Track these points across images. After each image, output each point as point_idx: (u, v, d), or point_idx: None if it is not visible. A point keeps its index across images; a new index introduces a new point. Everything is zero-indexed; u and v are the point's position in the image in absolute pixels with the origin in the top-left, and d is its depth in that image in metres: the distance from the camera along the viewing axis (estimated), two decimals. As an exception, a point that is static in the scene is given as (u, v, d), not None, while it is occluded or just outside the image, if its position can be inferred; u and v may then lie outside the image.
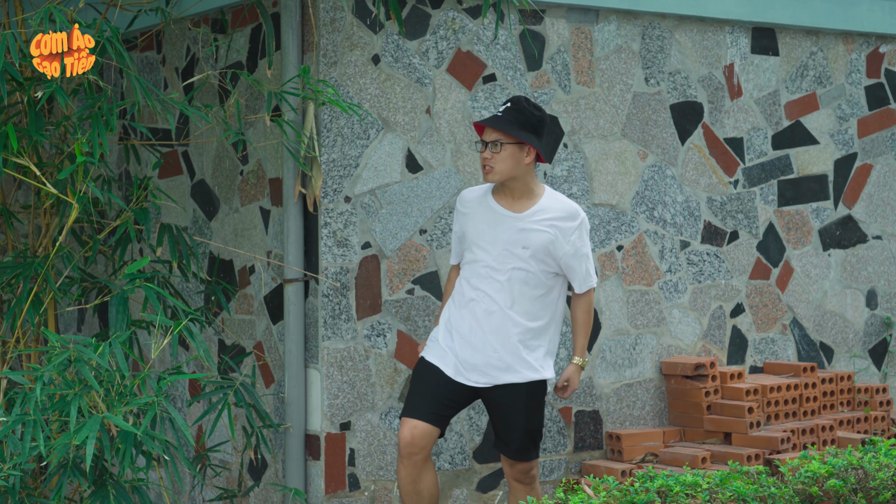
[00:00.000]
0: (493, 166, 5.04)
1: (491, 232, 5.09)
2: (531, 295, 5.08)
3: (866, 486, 4.64)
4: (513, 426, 5.10)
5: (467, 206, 5.19)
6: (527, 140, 5.02)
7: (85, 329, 7.02)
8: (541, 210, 5.09)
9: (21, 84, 4.94)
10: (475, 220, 5.14)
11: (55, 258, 5.09)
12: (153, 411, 4.36)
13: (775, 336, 6.80)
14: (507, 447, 5.13)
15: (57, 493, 4.47)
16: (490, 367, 5.05)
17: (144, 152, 6.50)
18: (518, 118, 5.05)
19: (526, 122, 5.05)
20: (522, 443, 5.11)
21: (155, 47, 6.50)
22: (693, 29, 6.53)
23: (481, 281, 5.08)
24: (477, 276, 5.09)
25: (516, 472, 5.17)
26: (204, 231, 6.22)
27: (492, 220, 5.10)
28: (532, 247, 5.05)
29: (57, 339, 4.45)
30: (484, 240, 5.09)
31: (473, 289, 5.09)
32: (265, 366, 5.85)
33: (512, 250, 5.06)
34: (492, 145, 5.03)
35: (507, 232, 5.07)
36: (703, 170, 6.57)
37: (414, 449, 5.01)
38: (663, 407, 6.42)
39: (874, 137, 7.16)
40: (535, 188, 5.12)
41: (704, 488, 4.49)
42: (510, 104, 5.08)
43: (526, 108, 5.07)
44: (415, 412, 5.03)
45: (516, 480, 5.18)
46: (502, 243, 5.06)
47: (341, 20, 5.61)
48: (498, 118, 5.06)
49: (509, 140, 5.02)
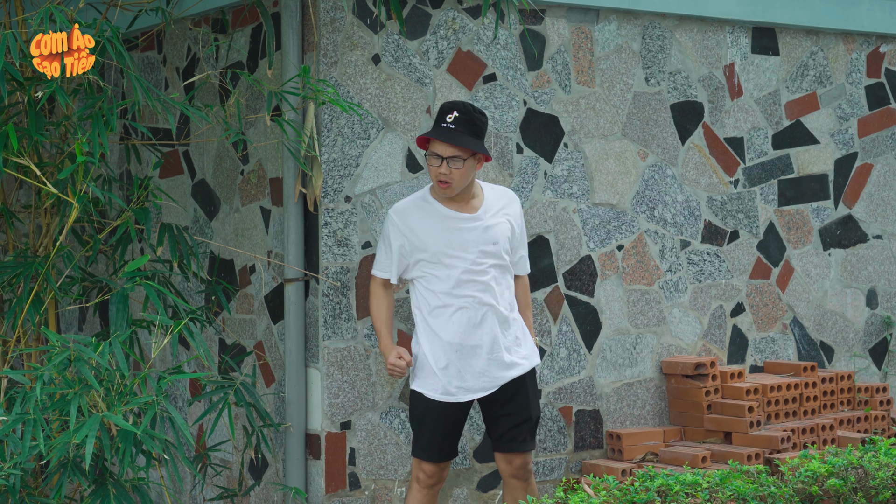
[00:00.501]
0: (451, 181, 5.00)
1: (458, 238, 5.05)
2: (506, 285, 5.17)
3: (866, 486, 4.64)
4: (521, 418, 5.14)
5: (410, 220, 5.09)
6: (481, 150, 5.00)
7: (86, 328, 7.02)
8: (490, 203, 5.14)
9: (21, 84, 4.94)
10: (429, 231, 5.06)
11: (56, 258, 5.10)
12: (153, 410, 4.37)
13: (775, 335, 6.80)
14: (515, 441, 5.14)
15: (57, 493, 4.48)
16: (493, 369, 5.08)
17: (145, 152, 6.50)
18: (470, 128, 4.99)
19: (476, 131, 5.02)
20: (526, 433, 5.16)
21: (156, 47, 6.50)
22: (693, 29, 6.53)
23: (464, 287, 5.05)
24: (457, 284, 5.05)
25: (516, 467, 5.16)
26: (205, 231, 6.23)
27: (452, 227, 5.07)
28: (500, 240, 5.11)
29: (57, 339, 4.46)
30: (453, 248, 5.05)
31: (456, 297, 5.05)
32: (266, 365, 5.86)
33: (485, 249, 5.08)
34: (450, 161, 4.97)
35: (473, 234, 5.07)
36: (704, 169, 6.57)
37: (434, 480, 5.14)
38: (664, 406, 6.42)
39: (874, 137, 7.16)
40: (475, 185, 5.16)
41: (704, 487, 4.49)
42: (458, 113, 4.99)
43: (475, 117, 5.02)
44: (435, 455, 5.11)
45: (515, 477, 5.16)
46: (475, 245, 5.06)
47: (342, 20, 5.61)
48: (452, 132, 4.97)
49: (468, 155, 4.99)
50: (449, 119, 4.98)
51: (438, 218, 5.07)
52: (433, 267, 5.07)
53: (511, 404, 5.13)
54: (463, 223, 5.07)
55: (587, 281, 6.21)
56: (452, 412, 5.10)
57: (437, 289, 5.07)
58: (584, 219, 6.20)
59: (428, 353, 5.09)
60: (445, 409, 5.08)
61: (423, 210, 5.10)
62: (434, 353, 5.07)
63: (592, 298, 6.23)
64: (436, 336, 5.08)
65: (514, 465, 5.17)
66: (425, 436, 5.10)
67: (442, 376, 5.06)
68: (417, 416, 5.13)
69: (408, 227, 5.08)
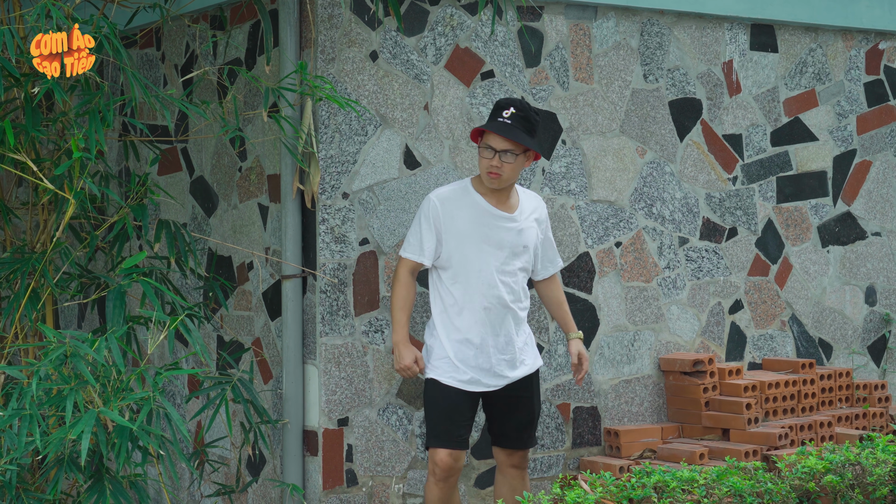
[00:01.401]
0: (501, 173, 5.09)
1: (496, 235, 5.15)
2: (524, 286, 5.30)
3: (863, 482, 4.64)
4: (524, 415, 5.26)
5: (452, 207, 5.17)
6: (535, 147, 5.12)
7: (85, 325, 7.02)
8: (524, 207, 5.24)
9: (18, 80, 4.94)
10: (471, 221, 5.15)
11: (53, 254, 5.10)
12: (148, 406, 4.37)
13: (774, 332, 6.80)
14: (518, 438, 5.26)
15: (53, 488, 4.48)
16: (504, 368, 5.21)
17: (144, 149, 6.50)
18: (525, 126, 5.10)
19: (532, 129, 5.13)
20: (530, 430, 5.31)
21: (154, 44, 6.51)
22: (692, 25, 6.53)
23: (491, 287, 5.15)
24: (485, 282, 5.14)
25: (517, 458, 5.31)
26: (203, 227, 6.23)
27: (492, 223, 5.16)
28: (530, 244, 5.24)
29: (53, 335, 4.46)
30: (490, 243, 5.15)
31: (482, 296, 5.14)
32: (263, 362, 5.86)
33: (515, 251, 5.19)
34: (502, 154, 5.07)
35: (509, 234, 5.17)
36: (702, 166, 6.57)
37: (452, 472, 5.18)
38: (661, 403, 6.42)
39: (873, 134, 7.15)
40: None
41: (701, 484, 4.49)
42: (515, 110, 5.09)
43: (531, 115, 5.13)
44: (451, 442, 5.15)
45: (515, 467, 5.31)
46: (508, 245, 5.17)
47: (339, 17, 5.61)
48: (509, 127, 5.07)
49: (521, 150, 5.10)
50: (506, 115, 5.08)
51: (479, 211, 5.16)
52: (464, 260, 5.15)
53: (519, 404, 5.26)
54: (502, 221, 5.17)
55: (585, 278, 6.21)
56: (464, 400, 5.18)
57: (463, 283, 5.15)
58: (583, 215, 6.20)
59: (446, 344, 5.17)
60: (459, 395, 5.16)
61: (464, 200, 5.18)
62: (452, 345, 5.17)
63: (590, 295, 6.23)
64: (455, 329, 5.17)
65: (516, 457, 5.31)
66: (439, 423, 5.16)
67: (459, 365, 5.16)
68: (432, 403, 5.19)
69: (448, 214, 5.15)
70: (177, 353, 6.35)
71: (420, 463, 5.78)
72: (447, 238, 5.16)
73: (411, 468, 5.76)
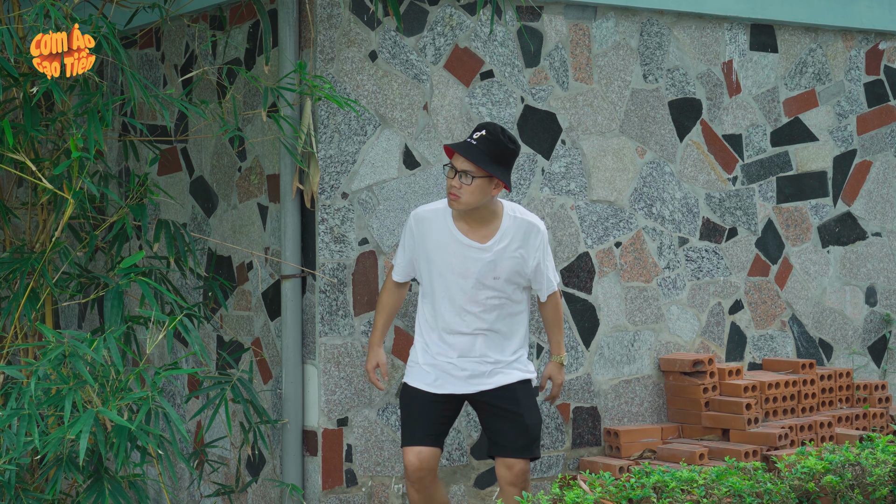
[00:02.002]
0: (460, 196, 4.94)
1: (460, 264, 5.03)
2: (506, 314, 5.12)
3: (863, 482, 4.63)
4: (515, 423, 5.09)
5: (426, 228, 5.07)
6: (497, 174, 4.92)
7: (85, 325, 7.02)
8: (504, 235, 5.04)
9: (17, 79, 4.94)
10: (438, 246, 5.05)
11: (52, 254, 5.10)
12: (147, 406, 4.36)
13: (774, 333, 6.80)
14: (512, 446, 5.08)
15: (52, 488, 4.48)
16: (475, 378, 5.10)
17: (144, 149, 6.50)
18: (491, 149, 4.92)
19: (499, 155, 4.94)
20: (525, 439, 5.10)
21: (154, 44, 6.51)
22: (691, 25, 6.53)
23: (459, 314, 5.05)
24: (453, 307, 5.05)
25: (514, 474, 5.10)
26: (203, 228, 6.23)
27: (457, 251, 5.03)
28: (503, 275, 5.06)
29: (52, 334, 4.46)
30: (453, 272, 5.03)
31: (448, 322, 5.05)
32: (263, 362, 5.86)
33: (484, 282, 5.04)
34: (462, 175, 4.92)
35: (476, 265, 5.02)
36: (702, 166, 6.57)
37: (422, 473, 5.07)
38: (661, 403, 6.41)
39: (873, 134, 7.15)
40: (495, 209, 5.06)
41: (700, 484, 4.48)
42: (486, 133, 4.93)
43: (501, 140, 4.94)
44: (415, 439, 5.07)
45: (512, 485, 5.11)
46: (474, 276, 5.02)
47: (338, 17, 5.61)
48: (471, 147, 4.92)
49: (480, 174, 4.92)
50: (476, 136, 4.94)
51: (449, 238, 5.04)
52: (436, 280, 5.07)
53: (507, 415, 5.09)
54: (468, 251, 5.03)
55: (585, 278, 6.20)
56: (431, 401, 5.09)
57: (432, 306, 5.09)
58: (582, 216, 6.20)
59: (419, 353, 5.14)
60: (424, 396, 5.09)
61: (439, 224, 5.06)
62: (424, 355, 5.13)
63: (590, 295, 6.22)
64: (424, 344, 5.13)
65: (514, 472, 5.10)
66: (405, 423, 5.12)
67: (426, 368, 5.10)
68: (401, 406, 5.18)
69: (422, 235, 5.07)
70: (176, 353, 6.35)
71: (419, 463, 5.78)
72: (418, 259, 5.10)
73: (411, 468, 5.76)
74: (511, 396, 5.10)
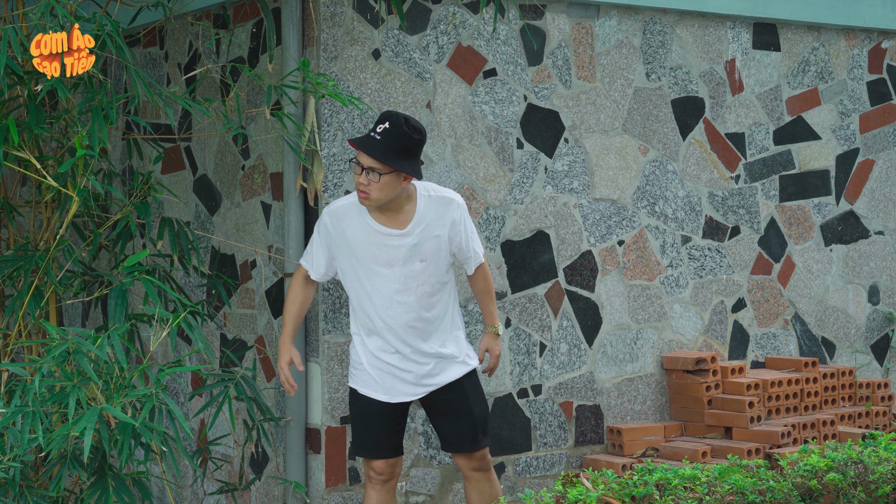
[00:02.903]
0: (369, 192, 4.80)
1: (384, 255, 4.91)
2: (437, 296, 5.02)
3: (866, 480, 4.64)
4: (462, 419, 5.06)
5: (343, 224, 4.95)
6: (403, 169, 4.77)
7: (89, 323, 7.03)
8: (422, 216, 4.93)
9: (21, 78, 4.95)
10: (358, 241, 4.92)
11: (56, 252, 5.11)
12: (151, 403, 4.37)
13: (777, 331, 6.80)
14: (462, 442, 5.07)
15: (56, 485, 4.49)
16: (422, 379, 5.04)
17: (148, 147, 6.51)
18: (395, 143, 4.76)
19: (404, 148, 4.78)
20: (474, 432, 5.07)
21: (158, 43, 6.51)
22: (694, 24, 6.53)
23: (390, 306, 4.94)
24: (382, 299, 4.94)
25: (475, 462, 5.10)
26: (206, 226, 6.24)
27: (379, 242, 4.91)
28: (429, 256, 4.95)
29: (56, 332, 4.47)
30: (378, 263, 4.92)
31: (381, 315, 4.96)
32: (266, 359, 5.87)
33: (410, 267, 4.93)
34: (369, 172, 4.78)
35: (400, 252, 4.91)
36: (705, 165, 6.57)
37: (386, 476, 5.08)
38: (664, 401, 6.42)
39: (876, 133, 7.16)
40: (409, 193, 4.93)
41: (703, 481, 4.49)
42: (388, 125, 4.77)
43: (405, 132, 4.77)
44: (377, 452, 5.05)
45: (475, 470, 5.11)
46: (400, 263, 4.92)
47: (342, 15, 5.61)
48: (375, 143, 4.76)
49: (387, 170, 4.78)
50: (379, 129, 4.78)
51: (368, 231, 4.91)
52: (357, 281, 4.97)
53: (458, 411, 5.06)
54: (390, 240, 4.91)
55: (588, 276, 6.21)
56: (381, 409, 5.04)
57: (361, 305, 4.99)
58: (585, 214, 6.21)
59: (361, 355, 5.04)
60: (374, 405, 5.04)
61: (353, 217, 4.93)
62: (366, 356, 5.03)
63: (593, 294, 6.23)
64: (363, 346, 5.04)
65: (474, 460, 5.10)
66: (368, 435, 5.06)
67: (372, 373, 5.02)
68: (351, 411, 5.11)
69: (338, 232, 4.96)
70: (180, 350, 6.36)
71: (423, 461, 5.78)
72: (338, 256, 4.99)
73: (414, 466, 5.77)
74: (460, 395, 5.06)
